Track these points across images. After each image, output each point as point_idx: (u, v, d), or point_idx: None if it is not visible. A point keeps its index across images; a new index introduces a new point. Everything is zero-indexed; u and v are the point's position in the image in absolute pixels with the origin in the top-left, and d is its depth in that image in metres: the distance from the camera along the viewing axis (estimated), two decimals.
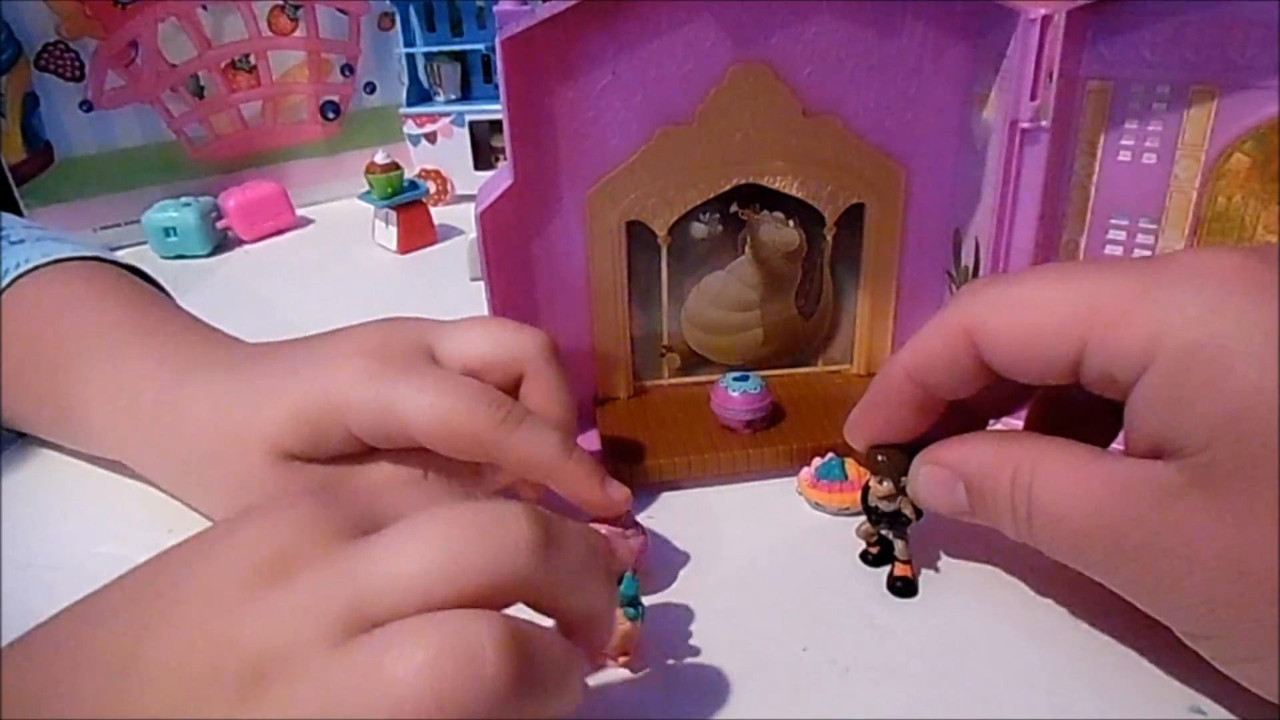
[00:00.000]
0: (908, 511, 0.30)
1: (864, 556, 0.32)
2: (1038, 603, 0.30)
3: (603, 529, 0.30)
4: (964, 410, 0.29)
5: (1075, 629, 0.29)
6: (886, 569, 0.31)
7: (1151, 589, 0.24)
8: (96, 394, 0.35)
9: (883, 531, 0.31)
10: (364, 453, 0.31)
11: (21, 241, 0.40)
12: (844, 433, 0.30)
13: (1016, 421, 0.33)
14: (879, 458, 0.29)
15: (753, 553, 0.33)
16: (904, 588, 0.30)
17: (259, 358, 0.34)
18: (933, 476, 0.28)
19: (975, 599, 0.30)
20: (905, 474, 0.29)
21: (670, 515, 0.35)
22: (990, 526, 0.27)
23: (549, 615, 0.23)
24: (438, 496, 0.25)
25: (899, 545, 0.30)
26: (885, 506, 0.30)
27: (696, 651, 0.28)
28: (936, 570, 0.31)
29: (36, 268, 0.39)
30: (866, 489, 0.31)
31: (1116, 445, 0.27)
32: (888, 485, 0.30)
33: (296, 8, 0.67)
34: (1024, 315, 0.25)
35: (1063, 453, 0.25)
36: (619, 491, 0.31)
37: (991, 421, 0.32)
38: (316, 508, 0.23)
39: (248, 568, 0.21)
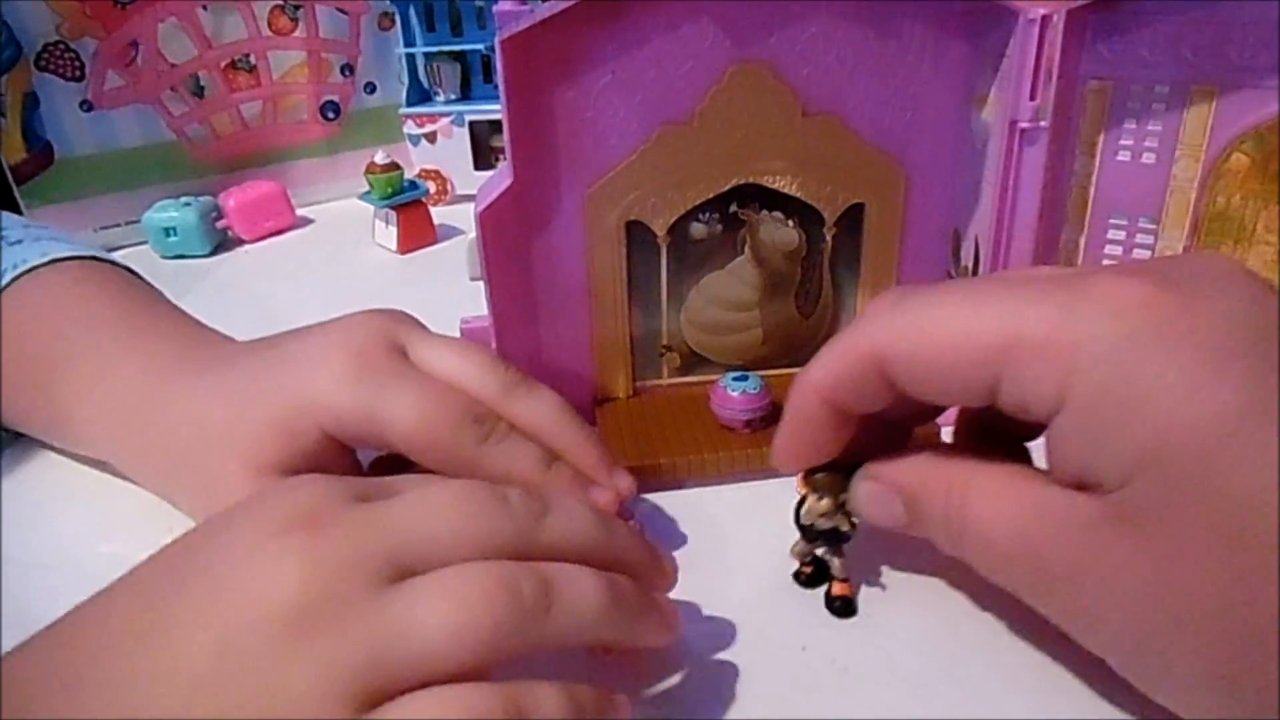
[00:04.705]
0: (844, 528, 0.29)
1: (796, 576, 0.31)
2: None
3: None
4: (890, 420, 0.29)
5: None
6: (822, 589, 0.30)
7: (1074, 618, 0.24)
8: (83, 395, 0.35)
9: (818, 551, 0.30)
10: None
11: (20, 242, 0.41)
12: (771, 460, 0.30)
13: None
14: (818, 476, 0.29)
15: (752, 552, 0.33)
16: (843, 607, 0.30)
17: (238, 358, 0.34)
18: (871, 492, 0.28)
19: (974, 599, 0.30)
20: (844, 491, 0.29)
21: (670, 515, 0.35)
22: (928, 539, 0.27)
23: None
24: (433, 479, 0.26)
25: (836, 563, 0.30)
26: (823, 524, 0.29)
27: (696, 651, 0.28)
28: (936, 571, 0.31)
29: (34, 268, 0.39)
30: (800, 507, 0.30)
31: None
32: (827, 502, 0.29)
33: (296, 8, 0.67)
34: (935, 347, 0.25)
35: (994, 475, 0.25)
36: (603, 495, 0.31)
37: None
38: (327, 479, 0.24)
39: (276, 523, 0.22)
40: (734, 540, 0.33)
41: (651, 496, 0.36)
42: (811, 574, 0.31)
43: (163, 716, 0.20)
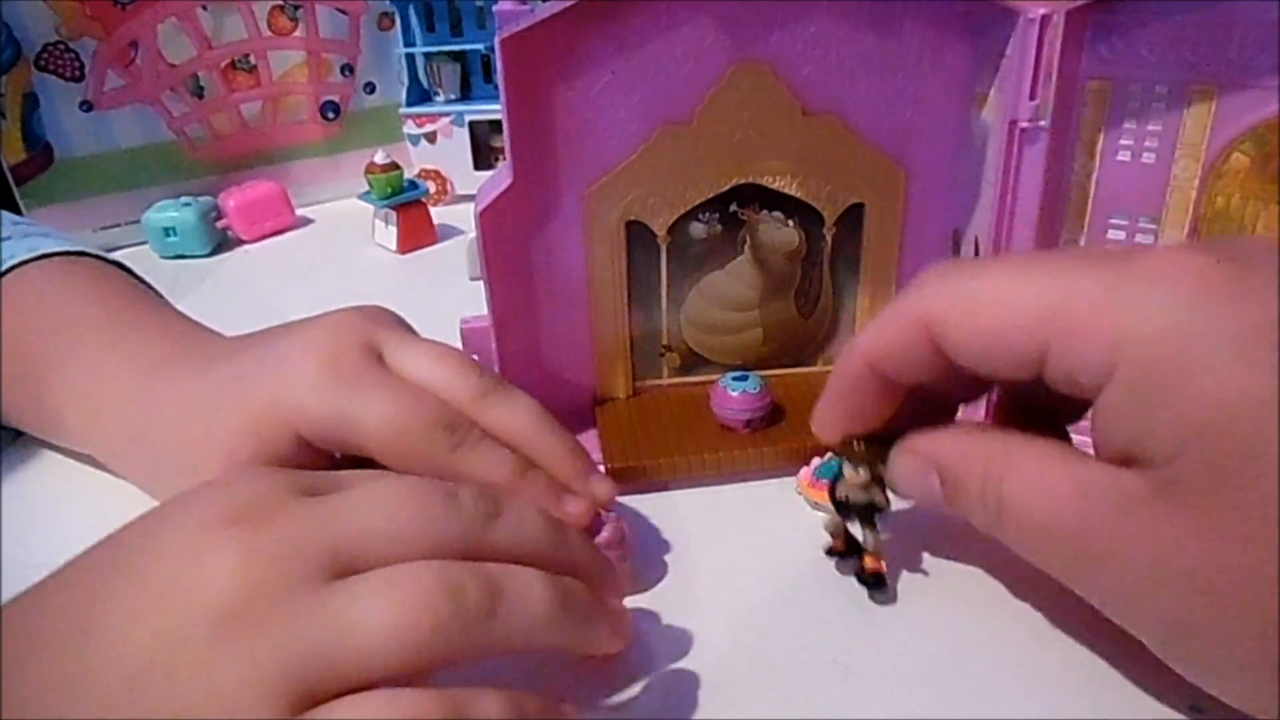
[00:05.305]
0: (880, 501, 0.29)
1: (829, 552, 0.31)
2: (1038, 602, 0.30)
3: None
4: (932, 396, 0.28)
5: (1075, 628, 0.28)
6: (853, 564, 0.30)
7: (1115, 599, 0.24)
8: (68, 390, 0.35)
9: (850, 526, 0.30)
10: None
11: (9, 238, 0.41)
12: (812, 426, 0.30)
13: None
14: (856, 446, 0.29)
15: (752, 552, 0.33)
16: (876, 582, 0.30)
17: (223, 357, 0.34)
18: (907, 465, 0.28)
19: (975, 599, 0.30)
20: (883, 463, 0.29)
21: (670, 515, 0.35)
22: (963, 517, 0.27)
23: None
24: (383, 474, 0.26)
25: (870, 538, 0.30)
26: (858, 496, 0.29)
27: (696, 651, 0.28)
28: (936, 571, 0.31)
29: (22, 263, 0.39)
30: (836, 481, 0.30)
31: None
32: (864, 474, 0.29)
33: (296, 8, 0.67)
34: (985, 313, 0.24)
35: (1034, 451, 0.25)
36: (578, 504, 0.30)
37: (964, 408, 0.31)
38: (271, 471, 0.24)
39: (215, 516, 0.22)
40: (734, 540, 0.33)
41: (651, 496, 0.36)
42: (845, 549, 0.31)
43: (96, 715, 0.19)
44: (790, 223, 0.38)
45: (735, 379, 0.37)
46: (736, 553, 0.33)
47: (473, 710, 0.21)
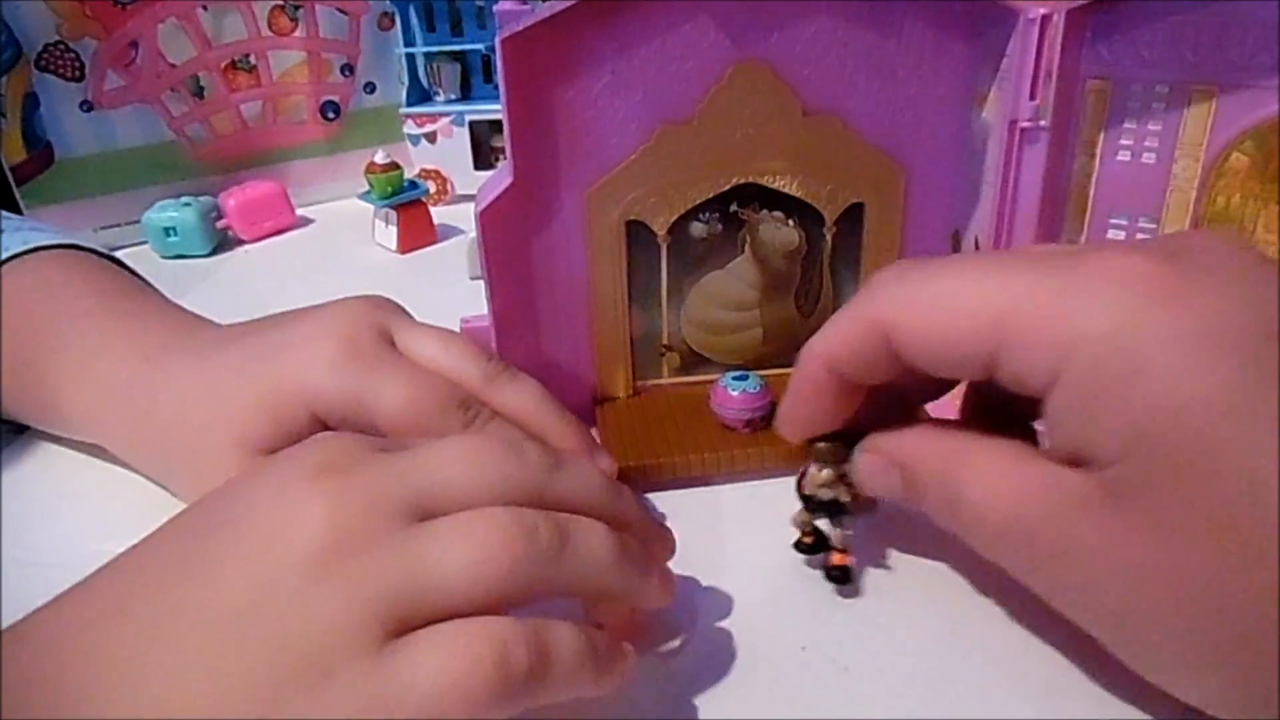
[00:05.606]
0: (845, 499, 0.29)
1: (798, 545, 0.31)
2: (1037, 603, 0.30)
3: None
4: (894, 394, 0.29)
5: (1074, 629, 0.28)
6: (820, 558, 0.31)
7: (1064, 595, 0.24)
8: (71, 379, 0.35)
9: (817, 522, 0.31)
10: None
11: (2, 232, 0.41)
12: (776, 428, 0.30)
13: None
14: (819, 446, 0.29)
15: (752, 552, 0.33)
16: (841, 576, 0.30)
17: (228, 342, 0.34)
18: (870, 464, 0.28)
19: (974, 599, 0.30)
20: (846, 461, 0.29)
21: (670, 515, 0.35)
22: (925, 513, 0.27)
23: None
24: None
25: (835, 534, 0.30)
26: (823, 494, 0.30)
27: (696, 651, 0.28)
28: (936, 571, 0.31)
29: (14, 256, 0.39)
30: (803, 477, 0.30)
31: None
32: (828, 473, 0.29)
33: (296, 8, 0.67)
34: (935, 317, 0.25)
35: (990, 450, 0.25)
36: None
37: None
38: (349, 433, 0.25)
39: (305, 469, 0.23)
40: (733, 540, 0.33)
41: (651, 496, 0.36)
42: (812, 543, 0.31)
43: (203, 647, 0.21)
44: (790, 222, 0.38)
45: (735, 379, 0.37)
46: (735, 552, 0.33)
47: (548, 635, 0.22)
